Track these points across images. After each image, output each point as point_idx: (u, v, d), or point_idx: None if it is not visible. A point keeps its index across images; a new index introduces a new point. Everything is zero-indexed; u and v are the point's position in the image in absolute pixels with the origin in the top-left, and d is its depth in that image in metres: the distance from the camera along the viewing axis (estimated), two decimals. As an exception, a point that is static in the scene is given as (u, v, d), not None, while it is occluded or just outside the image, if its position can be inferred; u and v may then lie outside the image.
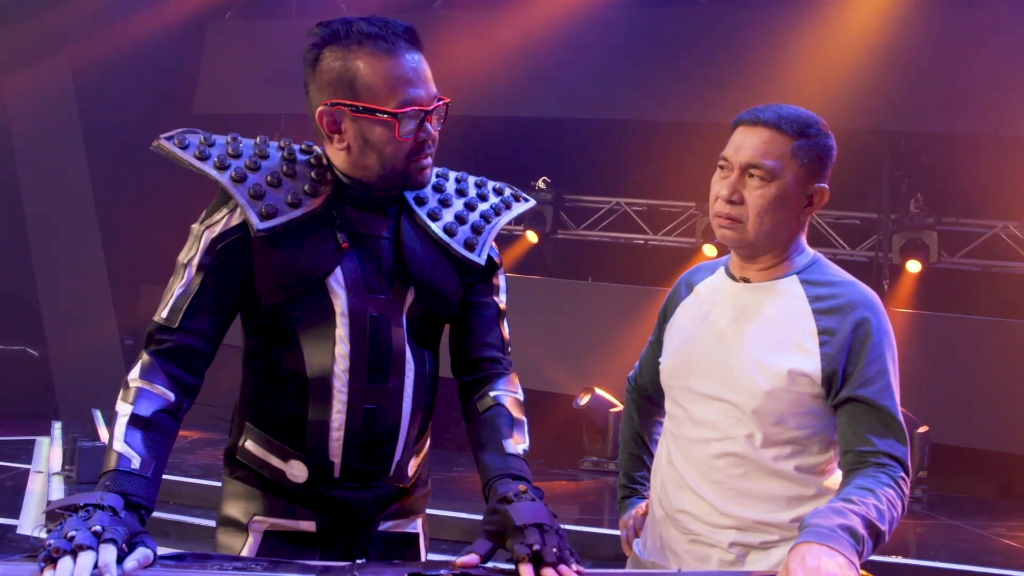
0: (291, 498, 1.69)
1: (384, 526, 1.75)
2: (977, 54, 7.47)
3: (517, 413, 1.73)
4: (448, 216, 1.75)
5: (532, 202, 1.92)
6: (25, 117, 9.46)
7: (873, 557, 1.51)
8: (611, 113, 8.60)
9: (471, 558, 1.42)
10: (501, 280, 1.85)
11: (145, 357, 1.58)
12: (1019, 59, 7.34)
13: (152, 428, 1.50)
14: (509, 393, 1.76)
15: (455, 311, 1.78)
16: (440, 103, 1.63)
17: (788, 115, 1.71)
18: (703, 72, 8.07)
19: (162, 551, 1.38)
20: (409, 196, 1.73)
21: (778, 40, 7.72)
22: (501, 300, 1.84)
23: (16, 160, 9.58)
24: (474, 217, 1.78)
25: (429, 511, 1.88)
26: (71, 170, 9.39)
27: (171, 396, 1.55)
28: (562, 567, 1.40)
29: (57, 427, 8.55)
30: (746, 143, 1.72)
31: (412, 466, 1.77)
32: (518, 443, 1.67)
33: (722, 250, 1.80)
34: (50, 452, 7.44)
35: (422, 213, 1.73)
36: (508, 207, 1.85)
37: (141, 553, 1.32)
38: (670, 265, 8.27)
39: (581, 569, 1.42)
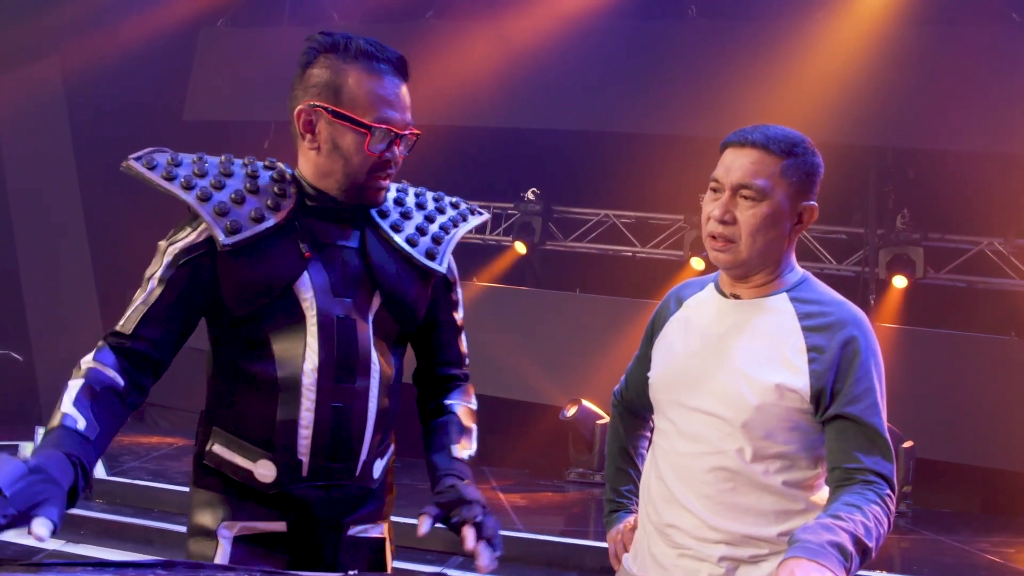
0: (259, 500, 1.72)
1: (353, 531, 1.80)
2: (965, 71, 7.52)
3: (468, 422, 1.91)
4: (409, 228, 1.85)
5: (486, 215, 2.03)
6: (14, 121, 9.41)
7: (859, 572, 1.52)
8: (601, 125, 8.62)
9: (426, 521, 1.66)
10: (459, 295, 1.96)
11: (100, 344, 1.64)
12: (1005, 76, 7.40)
13: (100, 401, 1.55)
14: (463, 403, 1.94)
15: (420, 322, 1.87)
16: (411, 132, 1.73)
17: (775, 135, 1.74)
18: (693, 86, 8.11)
19: (150, 559, 1.37)
20: (372, 210, 1.81)
21: (767, 55, 7.76)
22: (460, 315, 1.96)
23: (4, 163, 9.54)
24: (434, 229, 1.89)
25: (414, 521, 1.90)
26: (59, 175, 9.35)
27: (120, 382, 1.60)
28: (486, 547, 1.63)
29: (41, 432, 8.45)
30: (735, 164, 1.75)
31: (378, 469, 1.83)
32: (464, 448, 1.85)
33: (709, 263, 1.82)
34: (33, 458, 7.37)
35: (385, 225, 1.82)
36: (464, 219, 1.96)
37: (39, 522, 1.29)
38: (658, 277, 8.29)
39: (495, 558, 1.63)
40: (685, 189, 7.78)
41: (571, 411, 7.77)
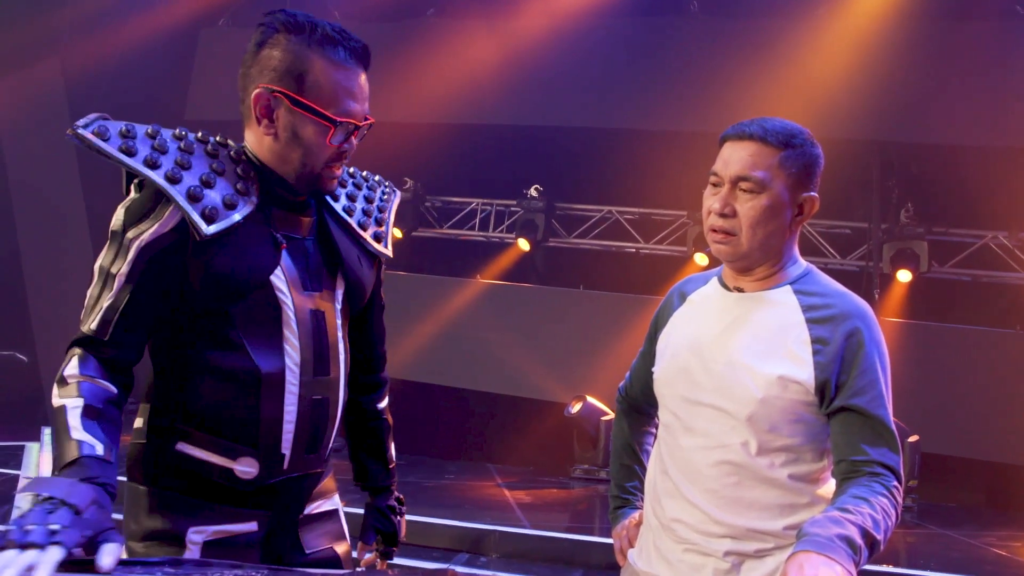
0: (233, 500, 1.68)
1: (308, 509, 1.81)
2: (969, 64, 7.51)
3: (390, 420, 2.10)
4: (357, 211, 1.86)
5: (399, 193, 2.06)
6: (15, 122, 9.43)
7: (866, 567, 1.51)
8: (604, 122, 8.62)
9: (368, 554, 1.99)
10: (382, 274, 1.99)
11: (80, 352, 1.58)
12: (1009, 70, 7.39)
13: (105, 417, 1.50)
14: (386, 402, 2.09)
15: (365, 304, 1.89)
16: (367, 123, 1.69)
17: (773, 128, 1.74)
18: (695, 82, 8.10)
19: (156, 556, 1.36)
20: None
21: (770, 51, 7.75)
22: (383, 294, 2.02)
23: (6, 165, 9.55)
24: (374, 211, 1.90)
25: (419, 518, 1.98)
26: (61, 175, 9.35)
27: (114, 390, 1.55)
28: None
29: (47, 433, 8.49)
30: (734, 157, 1.75)
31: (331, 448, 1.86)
32: (392, 448, 2.09)
33: (713, 259, 1.82)
34: (40, 458, 7.39)
35: (338, 209, 1.82)
36: (390, 198, 1.98)
37: (110, 548, 1.29)
38: (661, 273, 8.30)
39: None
40: (688, 185, 7.77)
41: (575, 408, 7.77)
